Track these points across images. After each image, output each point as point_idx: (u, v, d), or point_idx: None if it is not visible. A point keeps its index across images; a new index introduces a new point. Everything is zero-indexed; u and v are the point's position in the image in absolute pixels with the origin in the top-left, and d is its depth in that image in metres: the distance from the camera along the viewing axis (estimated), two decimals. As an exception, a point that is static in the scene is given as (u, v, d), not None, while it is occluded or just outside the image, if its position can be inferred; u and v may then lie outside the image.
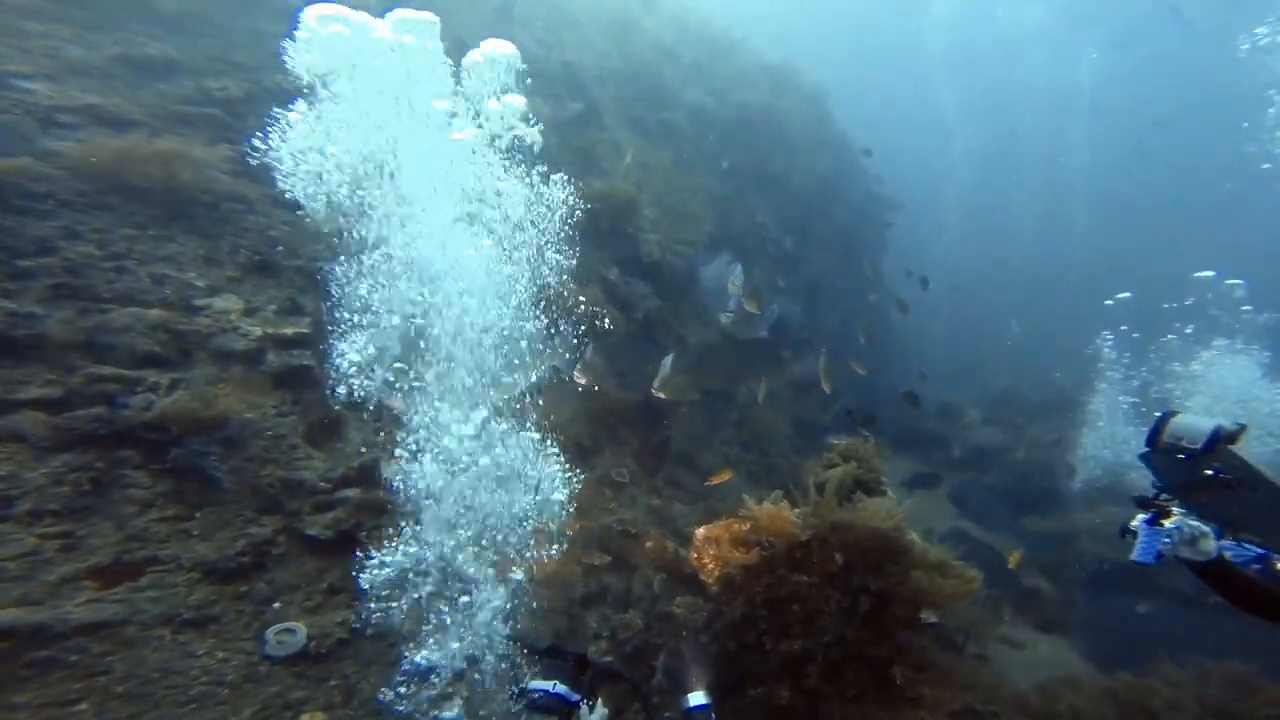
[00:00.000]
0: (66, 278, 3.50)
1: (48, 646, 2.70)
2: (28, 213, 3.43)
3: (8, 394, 3.08)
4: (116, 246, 3.88)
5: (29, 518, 2.92)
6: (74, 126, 3.86)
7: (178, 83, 4.68)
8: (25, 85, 3.69)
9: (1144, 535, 2.23)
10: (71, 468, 3.20)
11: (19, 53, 3.83)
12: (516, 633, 4.67)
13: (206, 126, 4.82)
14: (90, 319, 3.56)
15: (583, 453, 7.04)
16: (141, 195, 4.10)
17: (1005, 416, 10.25)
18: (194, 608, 3.59)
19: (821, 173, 12.27)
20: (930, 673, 3.56)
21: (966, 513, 8.11)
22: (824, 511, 4.48)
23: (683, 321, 8.96)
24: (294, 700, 3.83)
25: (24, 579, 2.78)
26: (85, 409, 3.36)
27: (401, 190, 3.64)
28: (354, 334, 3.59)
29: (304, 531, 4.45)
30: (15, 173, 3.36)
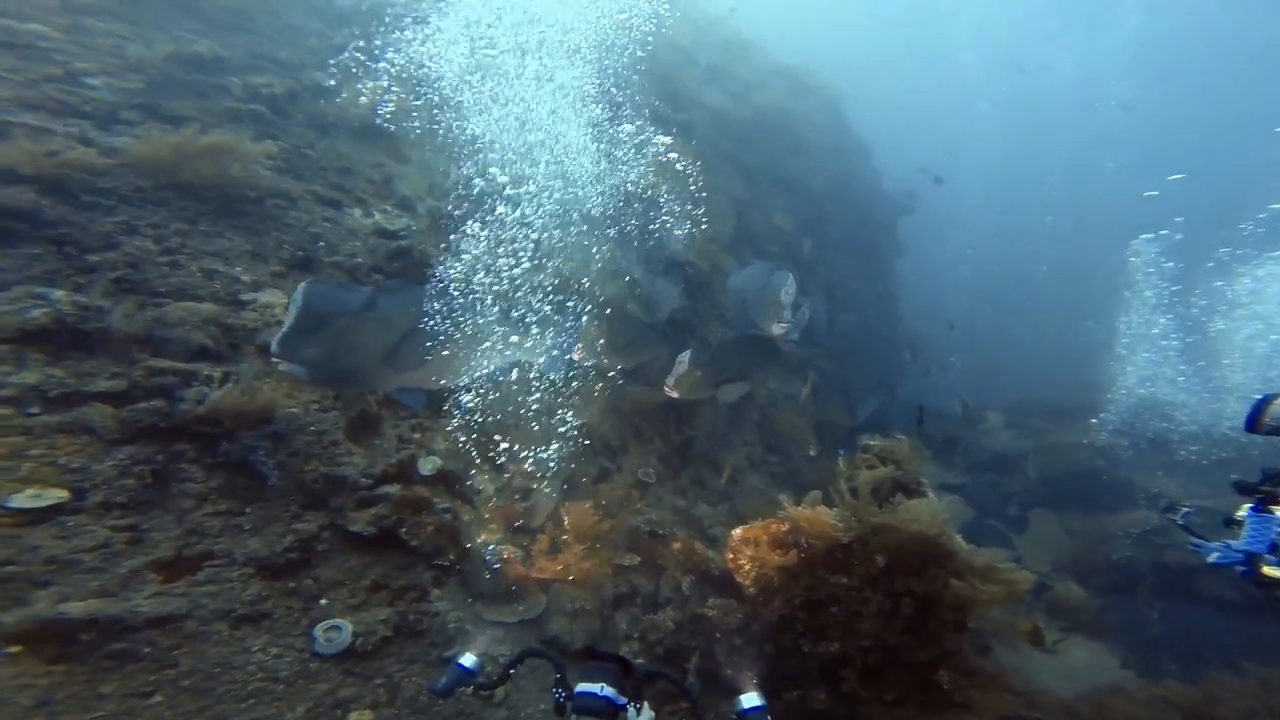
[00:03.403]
0: (127, 272, 3.50)
1: (124, 638, 2.71)
2: (94, 208, 3.43)
3: (80, 386, 3.08)
4: (170, 241, 3.89)
5: (100, 510, 2.92)
6: (133, 123, 3.86)
7: (225, 79, 4.69)
8: (91, 83, 3.70)
9: (1252, 524, 2.15)
10: (135, 460, 3.21)
11: (86, 51, 3.84)
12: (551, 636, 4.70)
13: (252, 122, 4.84)
14: (148, 313, 3.57)
15: (610, 452, 7.06)
16: (193, 190, 4.11)
17: (1027, 420, 10.24)
18: (247, 603, 3.59)
19: (837, 174, 12.32)
20: (978, 677, 3.56)
21: (984, 514, 8.11)
22: (864, 513, 4.49)
23: (705, 322, 9.00)
24: (343, 698, 3.83)
25: (99, 571, 2.79)
26: (146, 402, 3.37)
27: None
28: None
29: (347, 528, 4.46)
30: (82, 167, 3.36)
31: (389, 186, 6.19)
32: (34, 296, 3.08)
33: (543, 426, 5.88)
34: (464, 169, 5.55)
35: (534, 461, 6.02)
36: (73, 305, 3.14)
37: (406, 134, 6.64)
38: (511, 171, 5.28)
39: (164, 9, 4.45)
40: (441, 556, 4.79)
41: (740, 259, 9.91)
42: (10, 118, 3.50)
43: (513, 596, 5.08)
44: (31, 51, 3.79)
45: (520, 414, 5.73)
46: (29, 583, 2.57)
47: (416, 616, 4.41)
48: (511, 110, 5.49)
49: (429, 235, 6.17)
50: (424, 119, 5.87)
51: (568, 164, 5.84)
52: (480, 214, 4.93)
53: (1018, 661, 3.74)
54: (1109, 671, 4.83)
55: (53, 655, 2.46)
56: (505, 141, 5.44)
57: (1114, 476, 8.78)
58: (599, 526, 5.81)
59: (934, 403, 8.47)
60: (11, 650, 2.38)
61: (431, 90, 5.55)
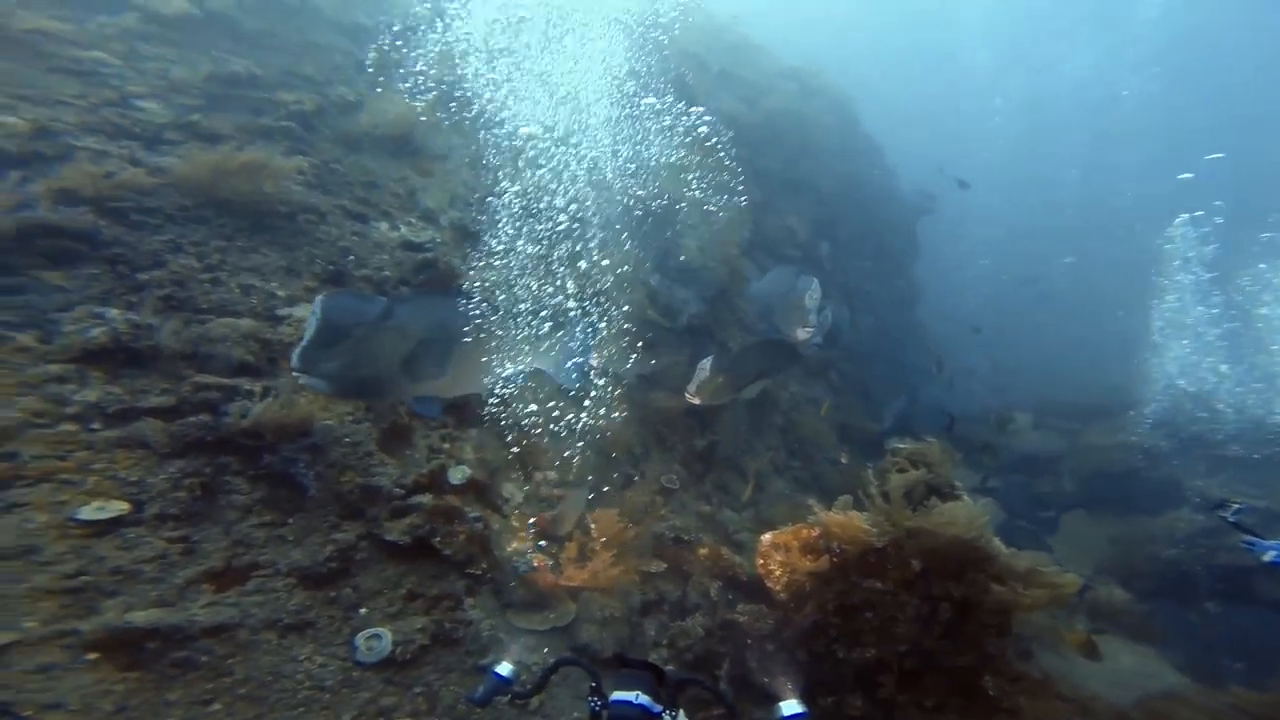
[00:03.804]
0: (174, 289, 3.59)
1: (184, 647, 2.77)
2: (143, 227, 3.53)
3: (134, 402, 3.16)
4: (211, 258, 3.98)
5: (156, 521, 2.99)
6: (176, 143, 3.97)
7: (259, 97, 4.80)
8: (141, 105, 3.81)
9: None
10: (185, 473, 3.28)
11: (138, 74, 3.95)
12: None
13: (283, 138, 4.94)
14: (193, 329, 3.65)
15: (633, 458, 7.09)
16: (231, 207, 4.20)
17: (1057, 421, 10.10)
18: (292, 613, 3.64)
19: (850, 176, 12.33)
20: (1025, 683, 3.52)
21: (1014, 516, 8.01)
22: (897, 518, 4.48)
23: (724, 327, 9.02)
24: (385, 707, 3.86)
25: (158, 581, 2.85)
26: (193, 416, 3.44)
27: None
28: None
29: (384, 537, 4.50)
30: (133, 188, 3.46)
31: (413, 199, 6.29)
32: (93, 316, 3.17)
33: (568, 433, 5.93)
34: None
35: (560, 469, 6.07)
36: (126, 323, 3.23)
37: (429, 146, 6.75)
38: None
39: (206, 31, 4.57)
40: (474, 565, 4.82)
41: (757, 263, 9.93)
42: (74, 141, 3.62)
43: (543, 604, 5.10)
44: (93, 77, 3.94)
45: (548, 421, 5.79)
46: (99, 592, 2.64)
47: (452, 625, 4.44)
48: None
49: (453, 247, 6.26)
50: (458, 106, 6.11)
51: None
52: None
53: (1062, 667, 3.68)
54: (1161, 677, 4.69)
55: (124, 663, 2.52)
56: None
57: (1154, 476, 8.58)
58: (625, 533, 5.82)
59: (959, 407, 8.40)
60: (90, 657, 2.45)
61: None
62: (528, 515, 5.59)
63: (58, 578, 2.55)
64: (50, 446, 2.82)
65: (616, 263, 6.94)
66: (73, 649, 2.42)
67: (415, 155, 6.53)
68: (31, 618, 2.42)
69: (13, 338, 2.95)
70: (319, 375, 3.31)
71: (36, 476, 2.72)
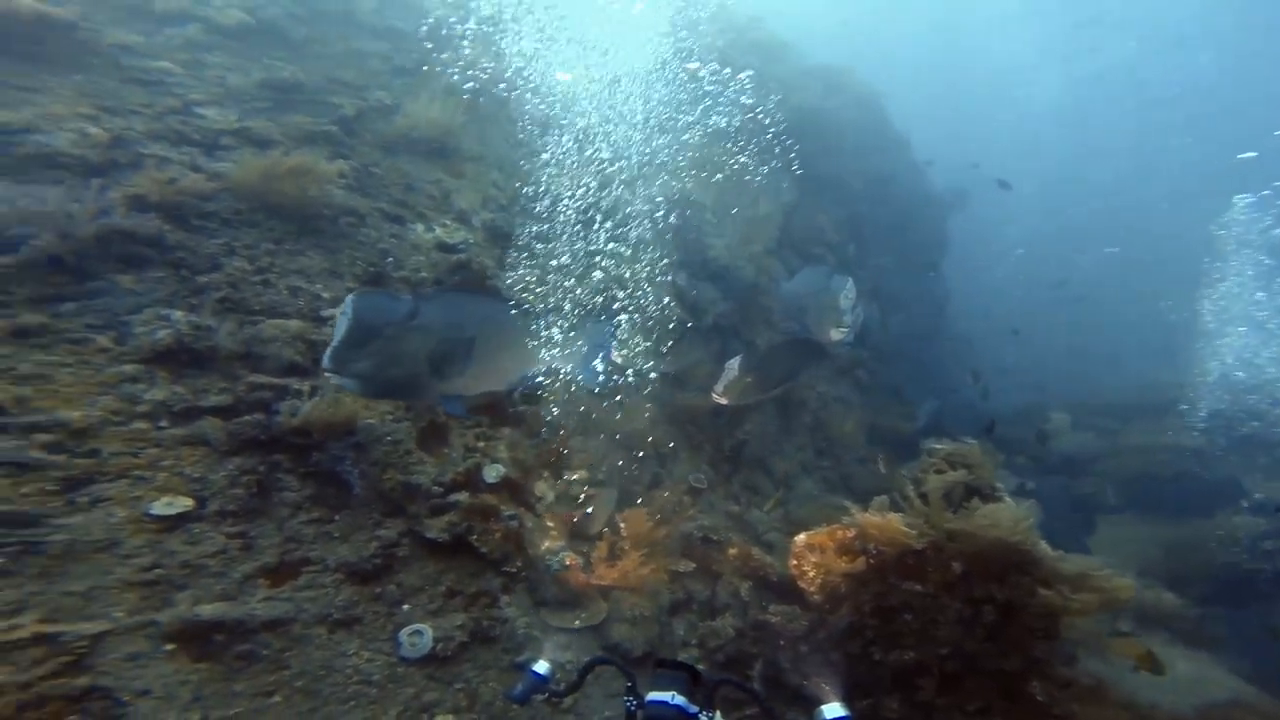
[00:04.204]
0: (229, 292, 3.70)
1: (247, 640, 2.86)
2: (201, 231, 3.64)
3: (196, 401, 3.27)
4: (262, 261, 4.09)
5: (217, 517, 3.09)
6: (231, 148, 4.08)
7: (304, 102, 4.91)
8: (200, 112, 3.93)
9: None
10: (242, 470, 3.38)
11: (198, 82, 4.08)
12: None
13: (326, 143, 5.04)
14: (246, 330, 3.75)
15: (660, 458, 7.11)
16: (279, 211, 4.30)
17: (1097, 421, 9.85)
18: (340, 608, 3.73)
19: (878, 173, 12.20)
20: (1076, 689, 3.45)
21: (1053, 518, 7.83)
22: (937, 519, 4.43)
23: (751, 326, 9.00)
24: (428, 702, 3.93)
25: (221, 575, 2.95)
26: (248, 415, 3.54)
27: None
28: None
29: (424, 534, 4.58)
30: (193, 193, 3.57)
31: (447, 201, 6.37)
32: (160, 318, 3.29)
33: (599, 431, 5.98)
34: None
35: (590, 468, 6.11)
36: (189, 325, 3.34)
37: (461, 148, 6.85)
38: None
39: (259, 39, 4.70)
40: (509, 563, 4.88)
41: (785, 262, 9.89)
42: (143, 149, 3.76)
43: (575, 603, 5.14)
44: (159, 86, 4.08)
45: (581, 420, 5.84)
46: (171, 585, 2.74)
47: (489, 623, 4.50)
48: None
49: (486, 248, 6.33)
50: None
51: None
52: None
53: (1109, 674, 3.60)
54: (1221, 684, 4.52)
55: (196, 654, 2.62)
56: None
57: (1206, 477, 8.33)
58: (654, 533, 5.84)
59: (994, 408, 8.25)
60: (168, 648, 2.55)
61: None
62: (560, 514, 5.65)
63: (137, 570, 2.65)
64: (125, 444, 2.93)
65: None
66: (154, 639, 2.52)
67: (448, 157, 6.62)
68: (119, 608, 2.52)
69: (94, 339, 3.07)
70: (351, 375, 3.33)
71: (116, 473, 2.83)
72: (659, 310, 7.28)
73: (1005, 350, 13.49)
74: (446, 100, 6.45)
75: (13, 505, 2.48)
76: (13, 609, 2.30)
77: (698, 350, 8.20)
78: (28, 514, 2.50)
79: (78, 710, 2.19)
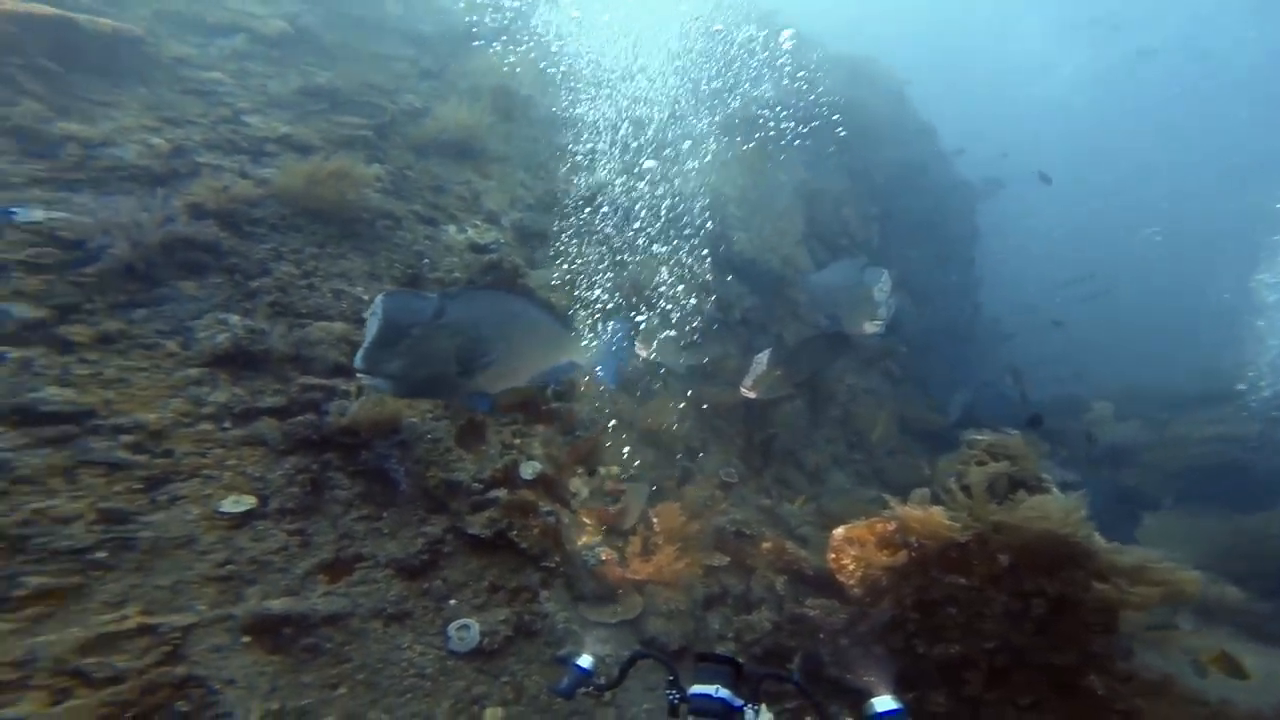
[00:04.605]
0: (279, 296, 3.79)
1: (311, 633, 2.95)
2: (251, 237, 3.74)
3: (254, 403, 3.37)
4: (307, 265, 4.18)
5: (278, 515, 3.19)
6: (275, 154, 4.18)
7: (340, 106, 5.00)
8: (247, 120, 4.04)
9: None
10: (297, 469, 3.47)
11: (244, 91, 4.19)
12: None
13: (362, 147, 5.12)
14: (295, 333, 3.84)
15: (690, 452, 7.13)
16: (320, 215, 4.39)
17: (1143, 410, 9.59)
18: (393, 603, 3.81)
19: (904, 162, 12.02)
20: (1138, 684, 3.37)
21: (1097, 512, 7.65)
22: (981, 511, 4.38)
23: (779, 320, 8.95)
24: (477, 695, 4.01)
25: (284, 571, 3.04)
26: (301, 415, 3.63)
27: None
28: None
29: (467, 530, 4.66)
30: (244, 200, 3.68)
31: (477, 202, 6.44)
32: (219, 322, 3.40)
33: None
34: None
35: (622, 463, 6.15)
36: (244, 329, 3.44)
37: (488, 149, 6.91)
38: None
39: (297, 47, 4.81)
40: (548, 558, 4.93)
41: (811, 253, 9.80)
42: (199, 158, 3.88)
43: (611, 597, 5.18)
44: (211, 96, 4.23)
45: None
46: (242, 580, 2.84)
47: (530, 617, 4.56)
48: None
49: (516, 247, 6.39)
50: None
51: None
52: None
53: (1171, 669, 3.51)
54: None
55: (269, 646, 2.71)
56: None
57: (1265, 466, 8.10)
58: (687, 527, 5.86)
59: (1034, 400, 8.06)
60: (244, 640, 2.65)
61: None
62: (594, 509, 5.69)
63: (213, 566, 2.76)
64: (194, 444, 3.04)
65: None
66: (232, 632, 2.62)
67: (476, 159, 6.69)
68: (201, 602, 2.63)
69: (163, 344, 3.19)
70: (383, 375, 3.33)
71: (188, 472, 2.94)
72: (689, 305, 7.29)
73: (1046, 341, 13.15)
74: (474, 104, 6.52)
75: (109, 503, 2.60)
76: (119, 600, 2.42)
77: (726, 344, 8.18)
78: (122, 511, 2.62)
79: (183, 696, 2.30)
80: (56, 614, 2.23)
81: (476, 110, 6.51)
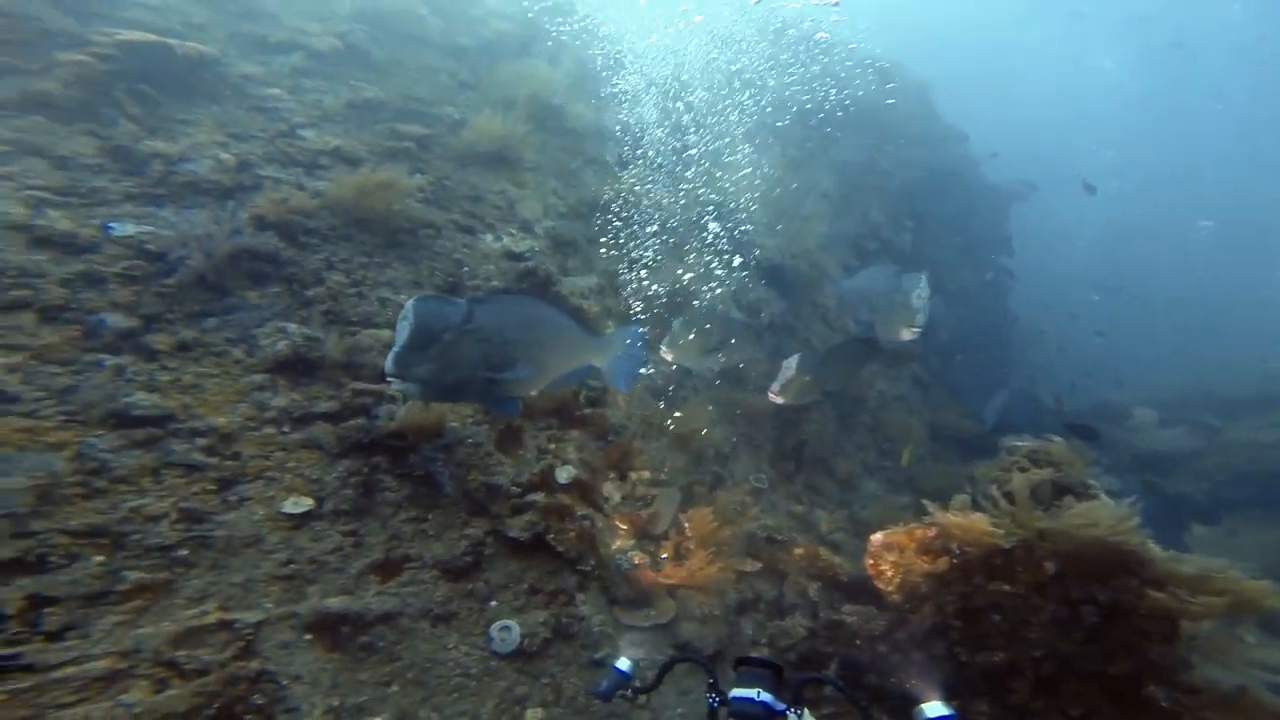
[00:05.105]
0: (331, 304, 3.93)
1: (366, 632, 3.04)
2: (306, 247, 3.89)
3: (310, 407, 3.50)
4: (356, 274, 4.32)
5: (333, 516, 3.30)
6: (328, 167, 4.35)
7: (386, 120, 5.16)
8: (302, 134, 4.21)
9: None
10: (350, 472, 3.58)
11: (300, 105, 4.38)
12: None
13: (405, 159, 5.27)
14: (347, 341, 3.97)
15: (721, 458, 7.13)
16: (369, 226, 4.53)
17: (1191, 415, 9.28)
18: (439, 603, 3.90)
19: (933, 167, 11.90)
20: (1208, 696, 3.26)
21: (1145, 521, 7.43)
22: (1025, 518, 4.31)
23: (806, 324, 8.92)
24: (519, 695, 4.07)
25: (340, 571, 3.14)
26: (353, 420, 3.75)
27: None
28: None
29: (506, 533, 4.73)
30: (300, 211, 3.83)
31: (512, 211, 6.56)
32: (279, 330, 3.55)
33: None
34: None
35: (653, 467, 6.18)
36: (302, 337, 3.58)
37: (522, 159, 7.05)
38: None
39: (347, 63, 5.00)
40: (584, 562, 4.98)
41: (838, 257, 9.75)
42: (260, 172, 4.08)
43: (645, 601, 5.21)
44: (272, 112, 4.45)
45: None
46: (304, 580, 2.95)
47: (568, 620, 4.61)
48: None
49: (550, 255, 6.49)
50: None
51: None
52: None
53: (1232, 681, 3.39)
54: None
55: (329, 644, 2.81)
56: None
57: None
58: (719, 533, 5.86)
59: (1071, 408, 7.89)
60: (307, 638, 2.75)
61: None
62: (626, 514, 5.73)
63: (277, 565, 2.87)
64: (259, 447, 3.17)
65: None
66: (296, 629, 2.73)
67: (511, 168, 6.82)
68: (268, 599, 2.74)
69: (231, 352, 3.35)
70: (412, 380, 3.34)
71: (254, 474, 3.07)
72: (719, 309, 7.32)
73: (1088, 349, 12.79)
74: (508, 114, 6.66)
75: (189, 502, 2.74)
76: (200, 596, 2.55)
77: (754, 349, 8.17)
78: (199, 510, 2.75)
79: (258, 691, 2.41)
80: (151, 608, 2.36)
81: (510, 120, 6.65)
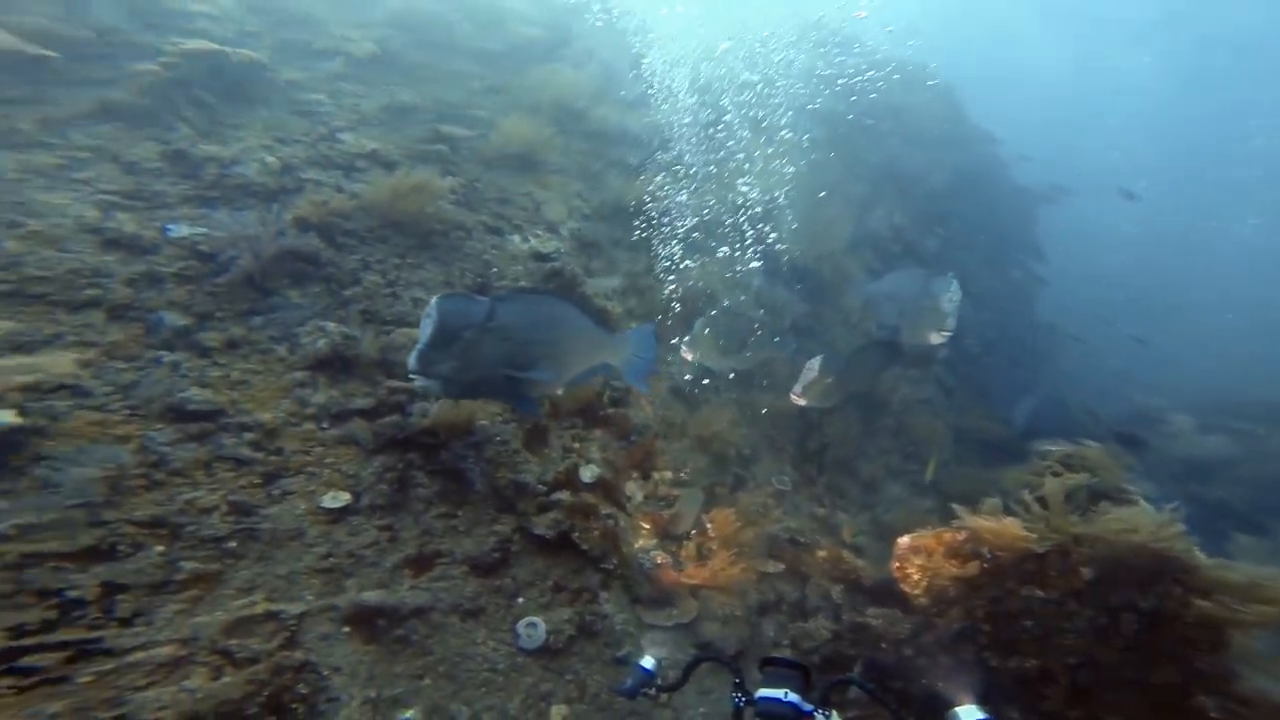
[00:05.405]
0: (367, 304, 4.03)
1: (401, 625, 3.10)
2: (344, 248, 3.99)
3: (347, 404, 3.59)
4: (390, 275, 4.42)
5: (369, 511, 3.37)
6: (365, 169, 4.46)
7: (419, 124, 5.27)
8: (341, 137, 4.33)
9: None
10: (385, 468, 3.66)
11: (339, 110, 4.51)
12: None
13: (437, 161, 5.37)
14: (381, 339, 4.06)
15: (743, 460, 7.10)
16: (403, 227, 4.63)
17: (1232, 423, 8.99)
18: (469, 599, 3.96)
19: (959, 169, 11.73)
20: (1265, 708, 3.15)
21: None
22: (1060, 523, 4.24)
23: (829, 327, 8.86)
24: (545, 691, 4.10)
25: (376, 565, 3.22)
26: (388, 416, 3.83)
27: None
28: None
29: (533, 531, 4.78)
30: (339, 213, 3.94)
31: (538, 212, 6.64)
32: (319, 329, 3.65)
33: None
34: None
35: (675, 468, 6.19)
36: (340, 335, 3.67)
37: (547, 162, 7.13)
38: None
39: (384, 68, 5.13)
40: (607, 560, 5.01)
41: (862, 261, 9.66)
42: (303, 174, 4.21)
43: (667, 601, 5.21)
44: (313, 116, 4.61)
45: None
46: (342, 573, 3.02)
47: (592, 617, 4.63)
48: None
49: (575, 255, 6.55)
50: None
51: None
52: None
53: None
54: None
55: (366, 637, 2.88)
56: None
57: None
58: (742, 534, 5.85)
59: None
60: (345, 630, 2.82)
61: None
62: (649, 514, 5.75)
63: (318, 558, 2.95)
64: (300, 443, 3.27)
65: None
66: (335, 621, 2.80)
67: (536, 170, 6.91)
68: (309, 592, 2.82)
69: (275, 349, 3.46)
70: (435, 377, 3.35)
71: (296, 469, 3.17)
72: (740, 312, 7.31)
73: (1123, 355, 12.46)
74: (533, 117, 6.75)
75: (237, 496, 2.83)
76: (248, 587, 2.64)
77: (775, 352, 8.13)
78: (247, 504, 2.85)
79: (302, 680, 2.48)
80: (206, 597, 2.45)
81: (536, 123, 6.73)
